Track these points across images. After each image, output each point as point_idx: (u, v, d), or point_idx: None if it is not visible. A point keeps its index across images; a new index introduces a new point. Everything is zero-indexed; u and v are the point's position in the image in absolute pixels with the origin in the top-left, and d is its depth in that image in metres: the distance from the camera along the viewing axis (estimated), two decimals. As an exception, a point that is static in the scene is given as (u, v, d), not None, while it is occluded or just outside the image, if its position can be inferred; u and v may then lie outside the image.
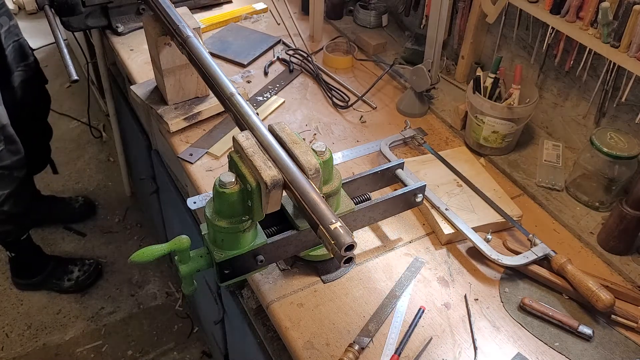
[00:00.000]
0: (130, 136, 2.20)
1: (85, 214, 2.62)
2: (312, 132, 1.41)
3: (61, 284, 2.30)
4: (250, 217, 0.89)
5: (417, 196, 1.08)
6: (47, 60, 3.41)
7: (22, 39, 2.01)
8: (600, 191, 1.19)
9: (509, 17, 1.39)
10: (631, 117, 1.19)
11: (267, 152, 0.87)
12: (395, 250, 1.13)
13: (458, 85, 1.56)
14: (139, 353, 2.17)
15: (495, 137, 1.30)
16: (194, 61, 1.15)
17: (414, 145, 1.37)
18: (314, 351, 0.95)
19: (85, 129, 3.00)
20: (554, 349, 0.97)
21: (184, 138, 1.37)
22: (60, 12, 1.61)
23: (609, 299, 0.97)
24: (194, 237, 0.92)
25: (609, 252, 1.12)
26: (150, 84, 1.45)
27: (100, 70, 2.15)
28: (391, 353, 0.95)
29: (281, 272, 1.07)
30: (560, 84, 1.34)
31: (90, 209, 2.64)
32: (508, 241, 1.10)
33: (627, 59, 1.08)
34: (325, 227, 0.76)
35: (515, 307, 1.03)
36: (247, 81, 1.57)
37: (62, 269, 2.32)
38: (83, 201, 2.62)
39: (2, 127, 1.80)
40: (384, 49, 1.72)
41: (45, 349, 2.16)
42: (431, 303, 1.03)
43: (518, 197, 1.25)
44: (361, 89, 1.54)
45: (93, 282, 2.35)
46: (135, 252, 0.89)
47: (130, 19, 1.72)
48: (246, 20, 1.83)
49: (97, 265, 2.38)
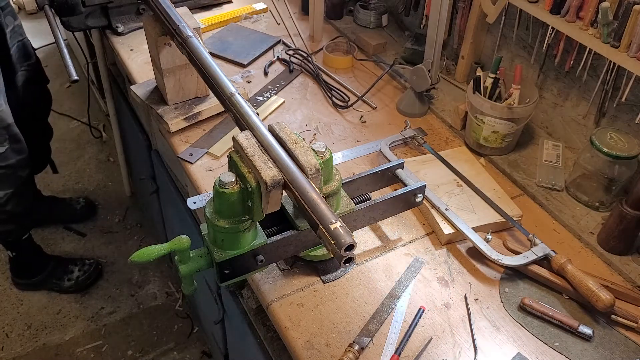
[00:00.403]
0: (130, 136, 2.20)
1: (86, 215, 2.62)
2: (312, 132, 1.41)
3: (61, 283, 2.30)
4: (250, 217, 0.89)
5: (417, 196, 1.08)
6: (47, 60, 3.40)
7: (26, 38, 2.01)
8: (600, 191, 1.19)
9: (509, 17, 1.39)
10: (631, 117, 1.19)
11: (267, 152, 0.87)
12: (395, 250, 1.13)
13: (458, 85, 1.56)
14: (139, 353, 2.17)
15: (495, 137, 1.30)
16: (194, 61, 1.15)
17: (414, 145, 1.37)
18: (314, 351, 0.95)
19: (85, 129, 3.00)
20: (554, 349, 0.97)
21: (184, 138, 1.37)
22: (60, 12, 1.61)
23: (609, 299, 0.97)
24: (194, 237, 0.92)
25: (609, 252, 1.12)
26: (150, 84, 1.45)
27: (100, 70, 2.15)
28: (391, 353, 0.95)
29: (281, 272, 1.07)
30: (560, 84, 1.34)
31: (91, 210, 2.64)
32: (508, 241, 1.10)
33: (627, 59, 1.08)
34: (325, 227, 0.76)
35: (515, 307, 1.03)
36: (247, 81, 1.57)
37: (62, 268, 2.32)
38: (84, 202, 2.62)
39: (7, 126, 1.80)
40: (384, 49, 1.72)
41: (45, 349, 2.16)
42: (431, 303, 1.03)
43: (518, 197, 1.25)
44: (361, 89, 1.54)
45: (93, 282, 2.35)
46: (135, 252, 0.89)
47: (130, 19, 1.72)
48: (246, 20, 1.83)
49: (97, 265, 2.38)
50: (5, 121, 1.79)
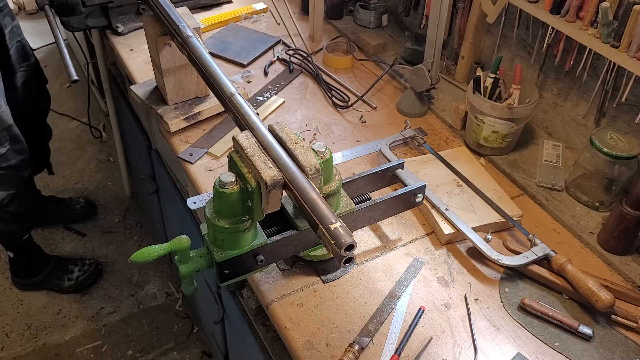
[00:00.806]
0: (130, 136, 2.20)
1: (86, 215, 2.62)
2: (312, 132, 1.41)
3: (61, 283, 2.30)
4: (250, 217, 0.89)
5: (417, 196, 1.08)
6: (47, 60, 3.41)
7: (24, 39, 2.01)
8: (600, 191, 1.19)
9: (509, 17, 1.39)
10: (631, 117, 1.19)
11: (267, 152, 0.87)
12: (395, 250, 1.13)
13: (458, 85, 1.56)
14: (139, 353, 2.17)
15: (495, 137, 1.30)
16: (194, 61, 1.15)
17: (414, 145, 1.37)
18: (314, 351, 0.95)
19: (85, 129, 3.00)
20: (554, 349, 0.97)
21: (184, 138, 1.37)
22: (60, 12, 1.61)
23: (609, 299, 0.97)
24: (194, 237, 0.92)
25: (609, 252, 1.12)
26: (150, 84, 1.45)
27: (100, 70, 2.15)
28: (391, 353, 0.95)
29: (281, 272, 1.07)
30: (560, 84, 1.34)
31: (91, 210, 2.64)
32: (508, 241, 1.10)
33: (627, 59, 1.08)
34: (325, 227, 0.76)
35: (515, 307, 1.03)
36: (247, 81, 1.57)
37: (62, 268, 2.32)
38: (85, 202, 2.62)
39: (8, 127, 1.80)
40: (384, 49, 1.72)
41: (45, 349, 2.16)
42: (431, 303, 1.03)
43: (518, 197, 1.25)
44: (361, 89, 1.54)
45: (93, 282, 2.35)
46: (135, 252, 0.89)
47: (130, 19, 1.72)
48: (246, 20, 1.83)
49: (98, 265, 2.38)
50: (5, 122, 1.79)
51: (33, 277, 2.29)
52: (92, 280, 2.35)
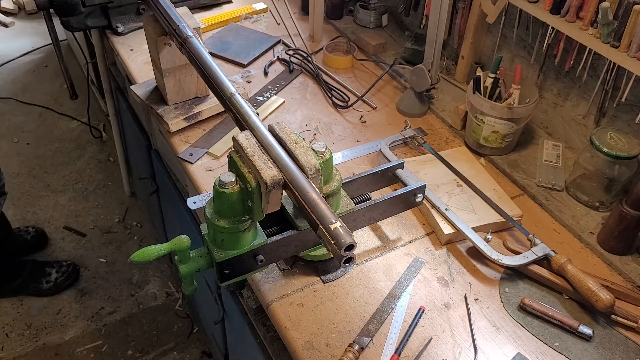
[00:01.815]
0: (130, 136, 2.20)
1: (36, 246, 2.47)
2: (312, 132, 1.41)
3: (40, 286, 2.29)
4: (250, 217, 0.89)
5: (417, 196, 1.08)
6: (47, 60, 3.41)
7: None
8: (600, 191, 1.19)
9: (509, 17, 1.39)
10: (631, 117, 1.19)
11: (267, 152, 0.87)
12: (395, 250, 1.13)
13: (458, 85, 1.56)
14: (139, 353, 2.17)
15: (495, 137, 1.30)
16: (194, 61, 1.15)
17: (414, 145, 1.37)
18: (314, 351, 0.95)
19: (85, 129, 3.00)
20: (554, 349, 0.97)
21: (184, 138, 1.37)
22: (60, 12, 1.61)
23: (609, 299, 0.97)
24: (194, 237, 0.92)
25: (609, 252, 1.12)
26: (150, 84, 1.45)
27: (100, 70, 2.15)
28: (391, 353, 0.95)
29: (281, 272, 1.07)
30: (560, 84, 1.34)
31: (42, 240, 2.49)
32: (508, 241, 1.10)
33: (627, 59, 1.08)
34: (325, 227, 0.76)
35: (515, 307, 1.03)
36: (247, 81, 1.57)
37: (39, 271, 2.30)
38: (34, 232, 2.47)
39: None
40: (384, 49, 1.72)
41: (45, 349, 2.16)
42: (431, 303, 1.03)
43: (518, 197, 1.25)
44: (361, 89, 1.54)
45: (72, 283, 2.35)
46: (135, 252, 0.89)
47: (130, 19, 1.72)
48: (246, 20, 1.83)
49: (75, 266, 2.37)
50: None
51: (11, 282, 2.26)
52: (70, 281, 2.34)
